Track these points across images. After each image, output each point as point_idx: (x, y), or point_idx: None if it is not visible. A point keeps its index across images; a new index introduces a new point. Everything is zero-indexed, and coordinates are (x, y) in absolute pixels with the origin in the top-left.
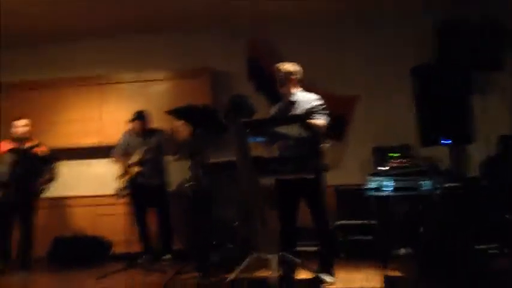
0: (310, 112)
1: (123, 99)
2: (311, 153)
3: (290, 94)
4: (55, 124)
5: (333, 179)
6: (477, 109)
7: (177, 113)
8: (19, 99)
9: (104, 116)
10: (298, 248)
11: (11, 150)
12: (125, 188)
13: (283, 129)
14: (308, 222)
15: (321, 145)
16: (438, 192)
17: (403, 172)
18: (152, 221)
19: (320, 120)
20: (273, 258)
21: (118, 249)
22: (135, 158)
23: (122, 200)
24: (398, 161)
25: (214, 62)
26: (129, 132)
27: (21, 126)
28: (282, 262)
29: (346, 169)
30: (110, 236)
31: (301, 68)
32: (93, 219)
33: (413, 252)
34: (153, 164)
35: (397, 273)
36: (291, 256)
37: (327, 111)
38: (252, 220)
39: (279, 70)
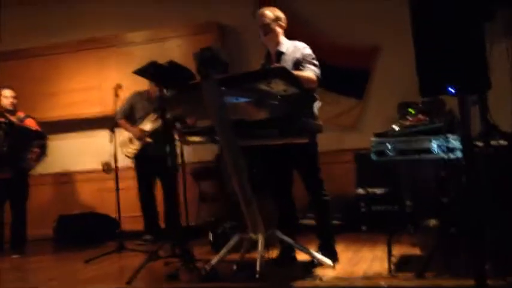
0: (299, 63)
1: (123, 63)
2: (300, 112)
3: (278, 44)
4: (53, 95)
5: (352, 142)
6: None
7: (142, 72)
8: (11, 69)
9: (104, 83)
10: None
11: (3, 124)
12: (132, 157)
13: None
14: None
15: (312, 103)
16: (454, 155)
17: (413, 131)
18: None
19: (308, 72)
20: (259, 238)
21: (128, 226)
22: (147, 126)
23: (129, 174)
24: (416, 118)
25: (223, 16)
26: (141, 95)
27: (9, 96)
28: (276, 242)
29: (367, 131)
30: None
31: None
32: (99, 195)
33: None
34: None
35: (413, 251)
36: (280, 235)
37: (317, 62)
38: (235, 195)
39: (263, 16)
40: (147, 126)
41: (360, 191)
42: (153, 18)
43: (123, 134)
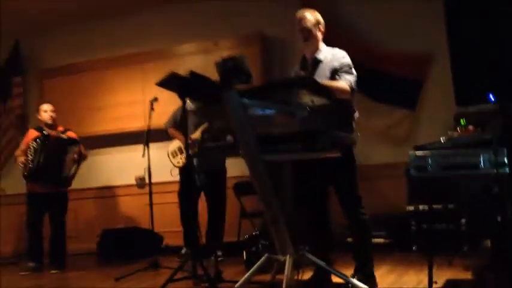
0: (335, 72)
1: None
2: (333, 125)
3: (316, 50)
4: (99, 109)
5: (404, 156)
6: None
7: (164, 84)
8: (59, 84)
9: (149, 97)
10: None
11: (39, 138)
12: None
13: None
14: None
15: (348, 114)
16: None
17: (458, 144)
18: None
19: (342, 82)
20: (287, 260)
21: (171, 241)
22: (198, 135)
23: (173, 188)
24: (466, 129)
25: (267, 27)
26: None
27: (49, 111)
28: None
29: (420, 143)
30: (162, 227)
31: None
32: (143, 209)
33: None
34: None
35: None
36: (311, 257)
37: (354, 72)
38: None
39: (304, 19)
40: (198, 135)
41: (410, 207)
42: (197, 31)
43: (172, 144)
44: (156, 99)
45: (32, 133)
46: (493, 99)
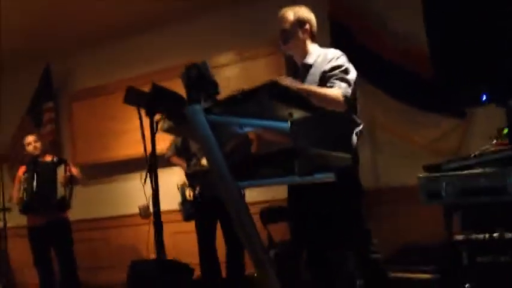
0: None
1: None
2: (318, 143)
3: (305, 54)
4: (126, 133)
5: None
6: None
7: (128, 101)
8: (88, 107)
9: None
10: None
11: (28, 168)
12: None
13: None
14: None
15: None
16: None
17: (479, 162)
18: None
19: (331, 90)
20: None
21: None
22: (205, 161)
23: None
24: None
25: None
26: None
27: (33, 142)
28: None
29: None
30: (190, 258)
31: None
32: (171, 238)
33: None
34: None
35: None
36: None
37: (349, 77)
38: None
39: (280, 19)
40: (205, 161)
41: (460, 236)
42: (231, 41)
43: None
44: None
45: (21, 169)
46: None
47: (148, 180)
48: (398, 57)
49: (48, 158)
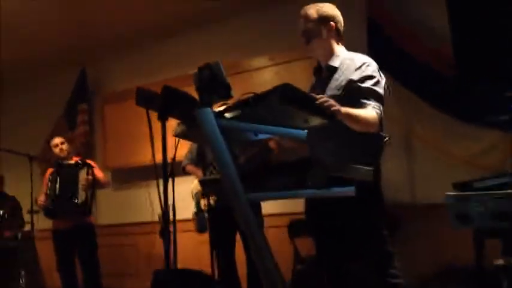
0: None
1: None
2: (336, 153)
3: (330, 55)
4: (154, 137)
5: None
6: None
7: (140, 102)
8: (120, 111)
9: None
10: None
11: (53, 171)
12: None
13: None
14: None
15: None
16: None
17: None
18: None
19: (365, 111)
20: None
21: None
22: None
23: None
24: None
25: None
26: None
27: (59, 144)
28: None
29: None
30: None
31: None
32: (197, 248)
33: None
34: None
35: None
36: None
37: (380, 89)
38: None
39: (302, 17)
40: None
41: (501, 261)
42: (267, 44)
43: (194, 183)
44: None
45: (48, 171)
46: None
47: (166, 187)
48: (436, 61)
49: (75, 160)
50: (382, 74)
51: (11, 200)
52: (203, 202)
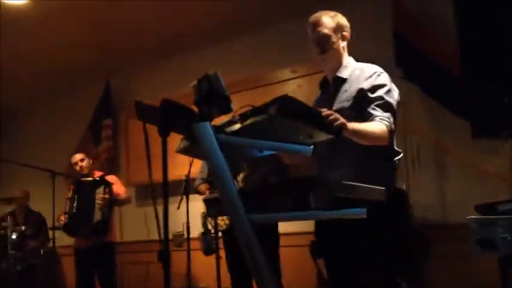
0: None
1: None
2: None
3: (339, 66)
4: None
5: None
6: None
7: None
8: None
9: None
10: None
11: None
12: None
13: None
14: None
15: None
16: None
17: None
18: None
19: (374, 124)
20: None
21: None
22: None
23: None
24: None
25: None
26: None
27: (79, 161)
28: None
29: None
30: None
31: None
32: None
33: None
34: None
35: None
36: None
37: (393, 100)
38: None
39: (319, 24)
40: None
41: None
42: (291, 56)
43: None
44: None
45: (70, 188)
46: None
47: (183, 205)
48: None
49: (95, 177)
50: (394, 85)
51: (36, 216)
52: (210, 222)
